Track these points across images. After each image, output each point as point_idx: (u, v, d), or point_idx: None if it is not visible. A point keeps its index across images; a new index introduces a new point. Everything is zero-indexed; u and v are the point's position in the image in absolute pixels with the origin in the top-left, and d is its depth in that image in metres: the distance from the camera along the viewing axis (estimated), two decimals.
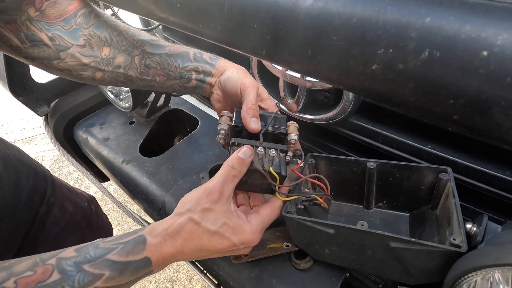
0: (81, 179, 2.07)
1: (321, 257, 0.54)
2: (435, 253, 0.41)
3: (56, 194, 0.78)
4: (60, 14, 0.51)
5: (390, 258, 0.46)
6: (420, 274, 0.46)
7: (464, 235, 0.41)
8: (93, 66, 0.54)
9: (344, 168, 0.59)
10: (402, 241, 0.43)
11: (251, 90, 0.55)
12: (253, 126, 0.52)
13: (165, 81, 0.60)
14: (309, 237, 0.51)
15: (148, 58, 0.58)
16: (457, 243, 0.41)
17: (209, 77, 0.61)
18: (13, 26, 0.48)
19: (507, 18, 0.20)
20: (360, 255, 0.49)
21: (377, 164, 0.55)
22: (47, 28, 0.50)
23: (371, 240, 0.46)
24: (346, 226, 0.46)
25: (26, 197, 0.68)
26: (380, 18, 0.24)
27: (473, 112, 0.22)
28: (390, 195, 0.58)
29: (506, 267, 0.34)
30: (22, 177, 0.69)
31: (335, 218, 0.61)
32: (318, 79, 0.57)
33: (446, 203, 0.50)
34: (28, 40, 0.50)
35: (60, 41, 0.51)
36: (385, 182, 0.57)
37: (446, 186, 0.51)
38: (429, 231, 0.53)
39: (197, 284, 1.49)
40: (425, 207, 0.56)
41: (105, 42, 0.55)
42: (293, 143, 0.55)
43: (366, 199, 0.60)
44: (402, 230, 0.57)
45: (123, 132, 0.93)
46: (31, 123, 2.51)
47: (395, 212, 0.59)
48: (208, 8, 0.33)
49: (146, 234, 0.45)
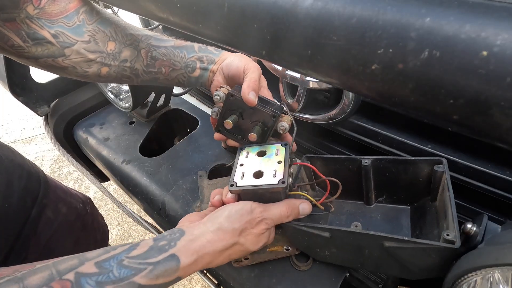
0: (81, 179, 2.07)
1: (322, 258, 0.54)
2: (430, 250, 0.42)
3: (49, 195, 0.77)
4: (61, 11, 0.50)
5: (387, 257, 0.46)
6: (418, 270, 0.46)
7: (457, 230, 0.41)
8: (99, 61, 0.54)
9: (341, 167, 0.59)
10: (395, 241, 0.43)
11: (255, 70, 0.56)
12: (251, 98, 0.52)
13: (171, 72, 0.61)
14: (307, 241, 0.52)
15: (154, 51, 0.58)
16: (450, 238, 0.40)
17: (212, 64, 0.62)
18: (12, 25, 0.47)
19: (507, 18, 0.20)
20: (359, 255, 0.49)
21: (372, 161, 0.56)
22: (48, 25, 0.50)
23: (366, 240, 0.46)
24: (341, 229, 0.47)
25: (18, 199, 0.67)
26: (380, 18, 0.24)
27: (473, 112, 0.22)
28: (389, 190, 0.59)
29: (506, 267, 0.34)
30: (14, 178, 0.68)
31: (337, 217, 0.61)
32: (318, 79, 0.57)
33: (443, 195, 0.50)
34: (30, 39, 0.49)
35: (64, 37, 0.51)
36: (382, 178, 0.57)
37: (442, 178, 0.51)
38: (430, 223, 0.52)
39: (197, 284, 1.49)
40: (425, 199, 0.56)
41: (110, 37, 0.54)
42: (282, 130, 0.55)
43: (366, 195, 0.60)
44: (404, 223, 0.56)
45: (123, 132, 0.93)
46: (31, 123, 2.51)
47: (396, 205, 0.59)
48: (208, 8, 0.33)
49: (179, 254, 0.42)
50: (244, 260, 0.56)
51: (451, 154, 0.55)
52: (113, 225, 1.80)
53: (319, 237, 0.49)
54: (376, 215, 0.59)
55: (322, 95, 0.68)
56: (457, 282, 0.39)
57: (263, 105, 0.54)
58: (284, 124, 0.55)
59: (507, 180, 0.50)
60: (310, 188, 0.63)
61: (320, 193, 0.62)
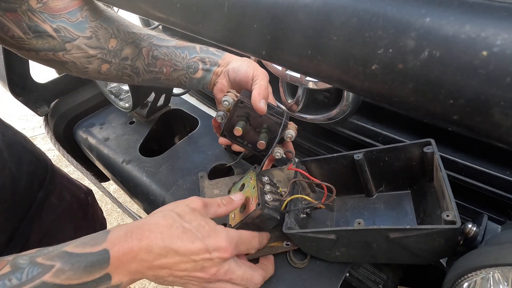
0: (81, 179, 2.06)
1: (334, 258, 0.55)
2: (433, 233, 0.42)
3: (55, 182, 0.79)
4: (65, 7, 0.50)
5: (395, 247, 0.46)
6: (428, 254, 0.46)
7: (455, 209, 0.42)
8: (100, 57, 0.54)
9: (335, 165, 0.59)
10: (399, 231, 0.43)
11: (264, 77, 0.56)
12: (261, 106, 0.52)
13: (172, 72, 0.61)
14: (315, 246, 0.52)
15: (155, 50, 0.58)
16: (450, 219, 0.41)
17: (215, 66, 0.61)
18: (13, 16, 0.47)
19: (507, 18, 0.20)
20: (369, 250, 0.50)
21: (363, 154, 0.56)
22: (51, 20, 0.50)
23: (371, 235, 0.46)
24: (344, 229, 0.47)
25: (26, 182, 0.69)
26: (380, 18, 0.24)
27: (473, 112, 0.22)
28: (386, 178, 0.59)
29: (506, 267, 0.34)
30: (24, 162, 0.69)
31: (342, 214, 0.61)
32: (318, 79, 0.57)
33: (438, 175, 0.51)
34: (31, 31, 0.49)
35: (65, 32, 0.51)
36: (377, 168, 0.57)
37: (434, 158, 0.51)
38: (431, 204, 0.53)
39: None
40: (422, 180, 0.56)
41: (112, 34, 0.54)
42: (289, 138, 0.56)
43: (365, 188, 0.60)
44: (407, 208, 0.57)
45: (123, 132, 0.93)
46: (31, 123, 2.51)
47: (396, 192, 0.59)
48: (208, 8, 0.33)
49: (112, 228, 0.42)
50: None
51: (451, 154, 0.55)
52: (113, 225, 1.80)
53: (326, 240, 0.49)
54: (379, 205, 0.60)
55: (322, 95, 0.68)
56: (457, 282, 0.39)
57: (271, 113, 0.55)
58: (291, 133, 0.56)
59: (507, 180, 0.50)
60: (311, 191, 0.63)
61: (321, 193, 0.63)
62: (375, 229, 0.45)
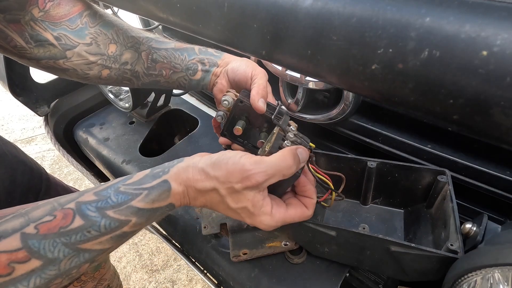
0: (81, 179, 2.06)
1: (320, 254, 0.55)
2: (433, 257, 0.42)
3: (51, 192, 0.78)
4: (65, 14, 0.51)
5: (388, 259, 0.47)
6: (415, 274, 0.47)
7: (461, 241, 0.43)
8: (100, 63, 0.55)
9: (344, 166, 0.59)
10: (402, 246, 0.44)
11: (262, 76, 0.56)
12: (260, 105, 0.51)
13: (171, 74, 0.61)
14: (310, 237, 0.52)
15: (155, 53, 0.59)
16: (454, 249, 0.42)
17: (215, 67, 0.61)
18: (17, 26, 0.48)
19: (507, 18, 0.20)
20: (359, 254, 0.50)
21: (377, 164, 0.56)
22: (52, 28, 0.50)
23: (372, 243, 0.47)
24: (349, 230, 0.47)
25: (20, 194, 0.68)
26: (380, 18, 0.24)
27: (473, 112, 0.22)
28: (387, 193, 0.59)
29: (506, 267, 0.34)
30: (17, 174, 0.69)
31: (332, 214, 0.62)
32: (318, 79, 0.57)
33: (442, 204, 0.51)
34: (33, 40, 0.50)
35: (66, 40, 0.51)
36: (384, 181, 0.58)
37: (444, 189, 0.51)
38: (423, 228, 0.53)
39: (197, 284, 1.49)
40: (420, 205, 0.57)
41: (112, 39, 0.55)
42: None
43: (363, 196, 0.61)
44: (397, 226, 0.58)
45: (123, 132, 0.93)
46: (31, 123, 2.51)
47: (390, 208, 0.60)
48: (208, 8, 0.33)
49: (170, 180, 0.42)
50: (243, 255, 0.57)
51: (451, 154, 0.55)
52: None
53: (324, 235, 0.49)
54: (371, 216, 0.60)
55: (322, 95, 0.68)
56: (457, 282, 0.39)
57: (271, 111, 0.55)
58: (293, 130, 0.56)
59: (507, 180, 0.50)
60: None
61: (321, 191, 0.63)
62: (380, 239, 0.45)
